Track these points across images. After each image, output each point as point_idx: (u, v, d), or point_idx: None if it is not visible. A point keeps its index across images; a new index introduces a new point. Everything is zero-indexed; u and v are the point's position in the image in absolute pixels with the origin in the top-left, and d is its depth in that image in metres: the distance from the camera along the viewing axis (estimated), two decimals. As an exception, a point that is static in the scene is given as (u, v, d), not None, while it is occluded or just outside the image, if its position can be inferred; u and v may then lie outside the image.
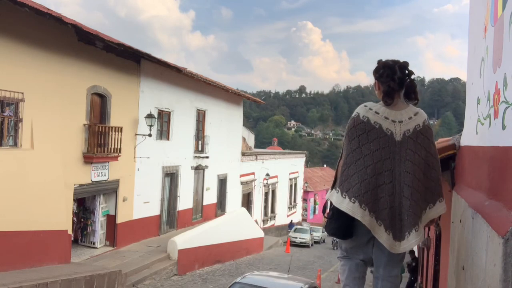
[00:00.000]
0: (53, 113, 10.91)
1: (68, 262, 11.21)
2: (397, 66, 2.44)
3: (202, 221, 18.43)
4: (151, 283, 12.03)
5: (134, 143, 14.51)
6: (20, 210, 9.65)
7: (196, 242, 14.64)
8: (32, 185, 10.01)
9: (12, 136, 10.05)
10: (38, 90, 10.46)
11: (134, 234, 14.50)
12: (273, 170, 27.03)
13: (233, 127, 22.43)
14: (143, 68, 14.71)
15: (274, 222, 28.84)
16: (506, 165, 1.59)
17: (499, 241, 1.35)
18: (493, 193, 1.87)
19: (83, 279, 9.58)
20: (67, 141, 11.46)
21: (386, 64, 2.46)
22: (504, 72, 1.70)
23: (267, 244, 21.37)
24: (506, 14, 1.71)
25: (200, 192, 19.28)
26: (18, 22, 9.83)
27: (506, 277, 1.29)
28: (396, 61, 2.48)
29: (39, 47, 10.49)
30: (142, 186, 14.85)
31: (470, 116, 2.88)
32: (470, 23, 3.05)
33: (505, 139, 1.61)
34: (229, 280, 11.32)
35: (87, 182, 12.34)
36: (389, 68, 2.44)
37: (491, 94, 1.96)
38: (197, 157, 18.71)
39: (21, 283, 8.24)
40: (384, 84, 2.43)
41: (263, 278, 8.53)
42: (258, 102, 32.61)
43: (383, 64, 2.48)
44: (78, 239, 13.38)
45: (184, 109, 17.59)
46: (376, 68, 2.51)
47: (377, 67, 2.50)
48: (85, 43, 11.99)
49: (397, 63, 2.45)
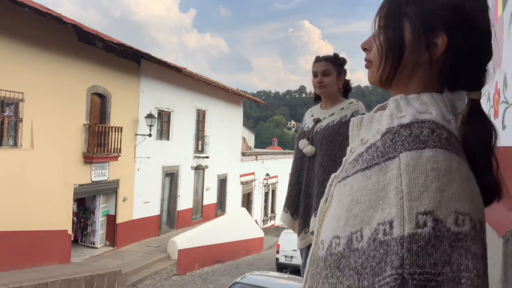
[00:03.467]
0: (53, 113, 10.91)
1: (68, 262, 11.21)
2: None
3: (202, 221, 18.43)
4: (151, 283, 12.03)
5: (134, 143, 14.51)
6: (20, 210, 9.65)
7: (196, 242, 14.64)
8: (32, 185, 10.01)
9: (12, 136, 10.05)
10: (38, 90, 10.46)
11: (134, 234, 14.50)
12: (273, 170, 27.01)
13: (233, 127, 22.41)
14: (143, 68, 14.70)
15: (274, 222, 28.84)
16: (506, 165, 1.59)
17: (499, 241, 1.35)
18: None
19: (83, 279, 9.58)
20: (67, 141, 11.46)
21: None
22: (504, 72, 1.70)
23: (267, 244, 21.36)
24: (506, 14, 1.71)
25: (200, 192, 19.28)
26: (18, 22, 9.82)
27: (506, 277, 1.29)
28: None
29: (39, 47, 10.49)
30: (142, 186, 14.84)
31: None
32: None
33: (505, 139, 1.61)
34: (229, 280, 11.32)
35: (87, 182, 12.33)
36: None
37: (491, 94, 1.96)
38: (197, 157, 18.70)
39: (21, 283, 8.24)
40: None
41: (263, 278, 8.52)
42: (258, 102, 32.61)
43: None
44: (78, 239, 13.37)
45: (184, 109, 17.58)
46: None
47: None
48: (85, 43, 11.99)
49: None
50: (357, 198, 0.68)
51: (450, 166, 0.62)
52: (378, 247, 0.61)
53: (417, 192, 0.60)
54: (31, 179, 10.03)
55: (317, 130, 2.31)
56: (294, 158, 2.44)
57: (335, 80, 2.31)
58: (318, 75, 2.30)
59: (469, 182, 0.63)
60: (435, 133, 0.65)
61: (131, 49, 13.11)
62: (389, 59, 0.75)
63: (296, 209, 2.40)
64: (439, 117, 0.68)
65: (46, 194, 10.40)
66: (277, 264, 15.53)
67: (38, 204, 10.14)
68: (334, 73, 2.30)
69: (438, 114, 0.68)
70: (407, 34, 0.74)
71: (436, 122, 0.67)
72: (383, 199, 0.63)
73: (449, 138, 0.65)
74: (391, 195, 0.62)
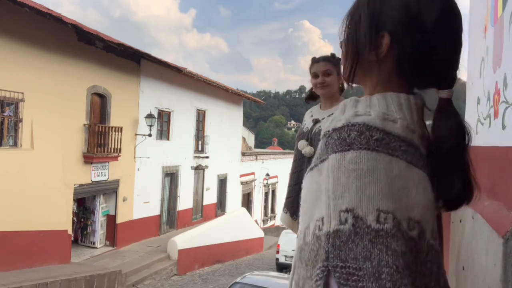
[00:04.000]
0: (53, 113, 10.91)
1: (68, 262, 11.21)
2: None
3: (202, 221, 18.43)
4: (151, 283, 12.03)
5: (134, 143, 14.51)
6: (20, 210, 9.65)
7: (196, 242, 14.64)
8: (32, 185, 10.01)
9: (12, 136, 10.05)
10: (38, 90, 10.46)
11: (134, 234, 14.50)
12: (273, 170, 27.01)
13: (233, 127, 22.42)
14: (143, 68, 14.70)
15: (274, 222, 28.84)
16: (506, 165, 1.60)
17: (499, 241, 1.35)
18: (493, 193, 1.88)
19: (83, 279, 9.58)
20: (67, 141, 11.46)
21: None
22: (504, 72, 1.70)
23: (267, 244, 21.36)
24: (506, 14, 1.71)
25: (200, 192, 19.28)
26: (18, 22, 9.82)
27: (506, 277, 1.29)
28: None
29: (39, 47, 10.49)
30: (142, 186, 14.85)
31: (470, 116, 2.88)
32: (470, 23, 3.05)
33: (505, 139, 1.61)
34: (229, 280, 11.32)
35: (87, 182, 12.34)
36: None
37: (491, 94, 1.96)
38: (197, 157, 18.70)
39: (21, 283, 8.25)
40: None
41: (263, 278, 8.52)
42: (258, 102, 32.61)
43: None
44: (78, 239, 13.37)
45: (184, 109, 17.58)
46: None
47: None
48: (85, 43, 11.99)
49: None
50: (304, 196, 0.75)
51: (374, 167, 0.64)
52: (315, 241, 0.67)
53: (340, 191, 0.64)
54: (31, 179, 10.03)
55: (316, 130, 2.31)
56: (294, 158, 2.45)
57: (336, 80, 2.32)
58: (320, 76, 2.30)
59: (399, 181, 0.65)
60: (363, 135, 0.67)
61: (131, 49, 13.11)
62: (348, 58, 0.79)
63: (295, 209, 2.41)
64: (376, 119, 0.69)
65: (46, 194, 10.40)
66: (277, 264, 15.53)
67: (38, 204, 10.14)
68: (335, 73, 2.31)
69: (376, 115, 0.70)
70: (359, 34, 0.77)
71: (367, 124, 0.68)
72: (320, 198, 0.68)
73: (382, 139, 0.67)
74: (323, 194, 0.67)
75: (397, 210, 0.63)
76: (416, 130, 0.72)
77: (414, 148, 0.69)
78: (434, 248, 0.66)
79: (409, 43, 0.73)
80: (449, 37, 0.74)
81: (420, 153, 0.70)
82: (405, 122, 0.71)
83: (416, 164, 0.68)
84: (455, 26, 0.75)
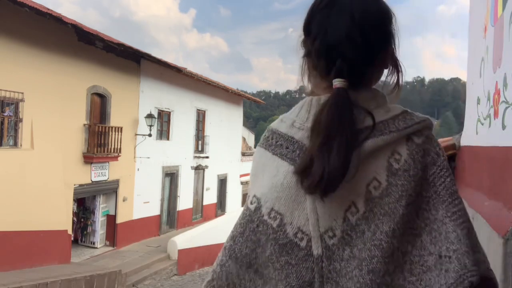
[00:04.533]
0: (53, 113, 10.92)
1: (68, 262, 11.22)
2: None
3: (202, 221, 18.43)
4: (151, 283, 12.03)
5: (134, 143, 14.51)
6: (20, 210, 9.66)
7: (196, 242, 14.63)
8: (32, 185, 10.02)
9: (12, 136, 10.06)
10: (38, 90, 10.46)
11: (134, 234, 14.50)
12: (273, 170, 26.99)
13: (233, 127, 22.42)
14: (143, 68, 14.71)
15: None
16: (506, 165, 1.60)
17: (499, 241, 1.35)
18: (493, 193, 1.87)
19: (83, 279, 9.58)
20: (67, 141, 11.46)
21: None
22: (504, 72, 1.70)
23: (267, 244, 21.37)
24: (506, 14, 1.71)
25: (200, 192, 19.28)
26: (18, 22, 9.83)
27: (506, 277, 1.29)
28: None
29: (39, 47, 10.50)
30: (142, 186, 14.85)
31: (470, 116, 2.88)
32: (470, 23, 3.05)
33: (505, 139, 1.61)
34: (229, 280, 11.30)
35: (87, 182, 12.34)
36: None
37: (491, 94, 1.96)
38: (197, 157, 18.70)
39: (21, 283, 8.25)
40: None
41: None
42: (258, 102, 32.60)
43: None
44: (78, 239, 13.38)
45: (184, 109, 17.59)
46: None
47: None
48: (85, 43, 11.99)
49: None
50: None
51: (254, 156, 0.88)
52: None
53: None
54: (31, 179, 10.03)
55: None
56: None
57: None
58: None
59: (259, 167, 0.85)
60: (264, 135, 0.86)
61: (131, 49, 13.11)
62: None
63: None
64: (276, 122, 0.86)
65: (46, 194, 10.41)
66: None
67: (38, 204, 10.14)
68: None
69: (279, 120, 0.86)
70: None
71: (270, 127, 0.86)
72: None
73: (267, 137, 0.85)
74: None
75: (252, 189, 0.84)
76: (304, 127, 0.79)
77: (291, 142, 0.80)
78: (265, 223, 0.79)
79: (309, 46, 0.82)
80: (328, 34, 0.79)
81: (299, 145, 0.79)
82: (291, 122, 0.82)
83: (284, 155, 0.80)
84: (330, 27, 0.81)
